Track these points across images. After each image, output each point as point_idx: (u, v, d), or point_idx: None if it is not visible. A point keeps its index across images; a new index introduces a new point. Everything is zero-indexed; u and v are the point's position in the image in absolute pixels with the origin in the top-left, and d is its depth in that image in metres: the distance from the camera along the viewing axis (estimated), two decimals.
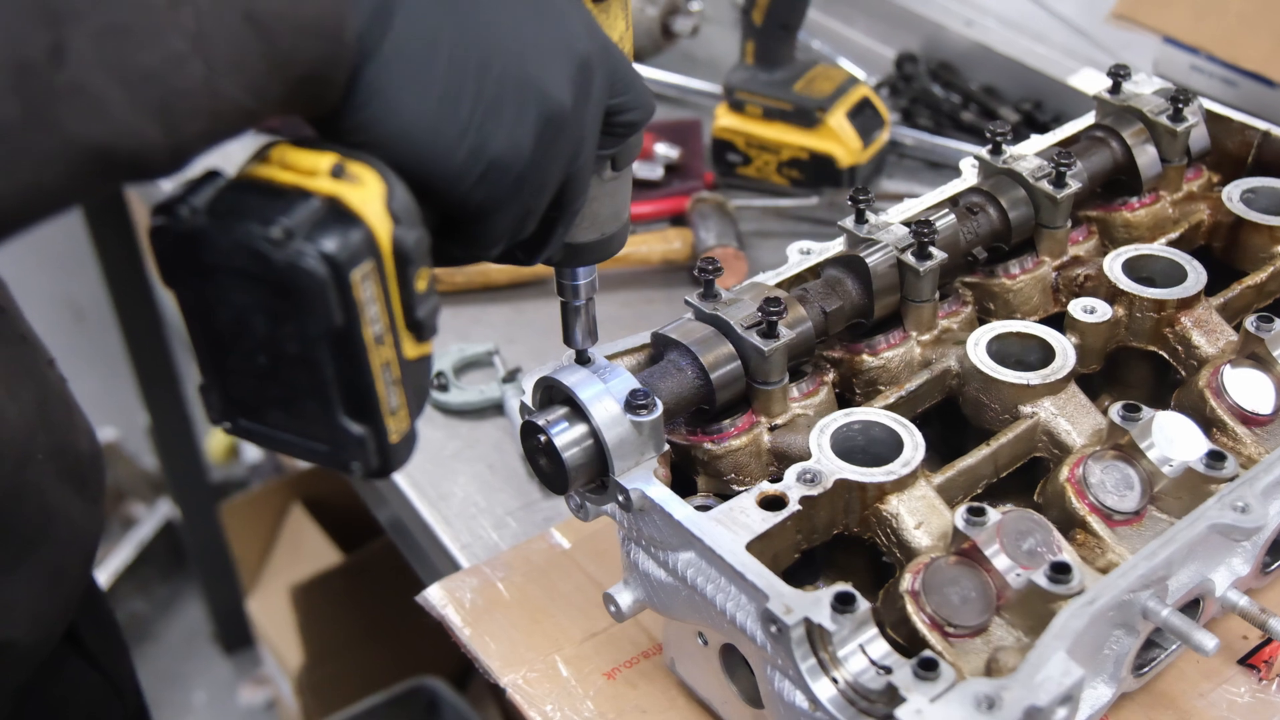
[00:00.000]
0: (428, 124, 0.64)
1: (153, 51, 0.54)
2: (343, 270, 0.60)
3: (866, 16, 2.07)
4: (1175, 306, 1.06)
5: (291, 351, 0.63)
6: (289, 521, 2.68)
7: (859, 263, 1.03)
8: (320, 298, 0.60)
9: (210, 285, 0.62)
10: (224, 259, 0.61)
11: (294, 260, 0.59)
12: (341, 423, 0.64)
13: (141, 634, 3.19)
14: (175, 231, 0.62)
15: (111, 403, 3.34)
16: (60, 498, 0.98)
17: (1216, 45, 1.68)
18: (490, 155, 0.66)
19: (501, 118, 0.66)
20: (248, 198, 0.61)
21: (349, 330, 0.62)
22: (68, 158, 0.53)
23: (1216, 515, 0.88)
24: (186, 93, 0.55)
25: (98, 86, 0.52)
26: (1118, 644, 0.91)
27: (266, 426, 0.67)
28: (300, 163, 0.62)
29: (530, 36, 0.68)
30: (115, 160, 0.54)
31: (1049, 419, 0.99)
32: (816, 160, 1.62)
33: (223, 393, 0.67)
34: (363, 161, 0.63)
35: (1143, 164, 1.18)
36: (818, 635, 0.81)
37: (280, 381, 0.64)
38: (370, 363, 0.63)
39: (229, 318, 0.63)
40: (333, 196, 0.61)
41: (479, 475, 1.29)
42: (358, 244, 0.61)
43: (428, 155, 0.65)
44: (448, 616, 1.11)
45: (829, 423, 0.95)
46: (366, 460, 0.66)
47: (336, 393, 0.64)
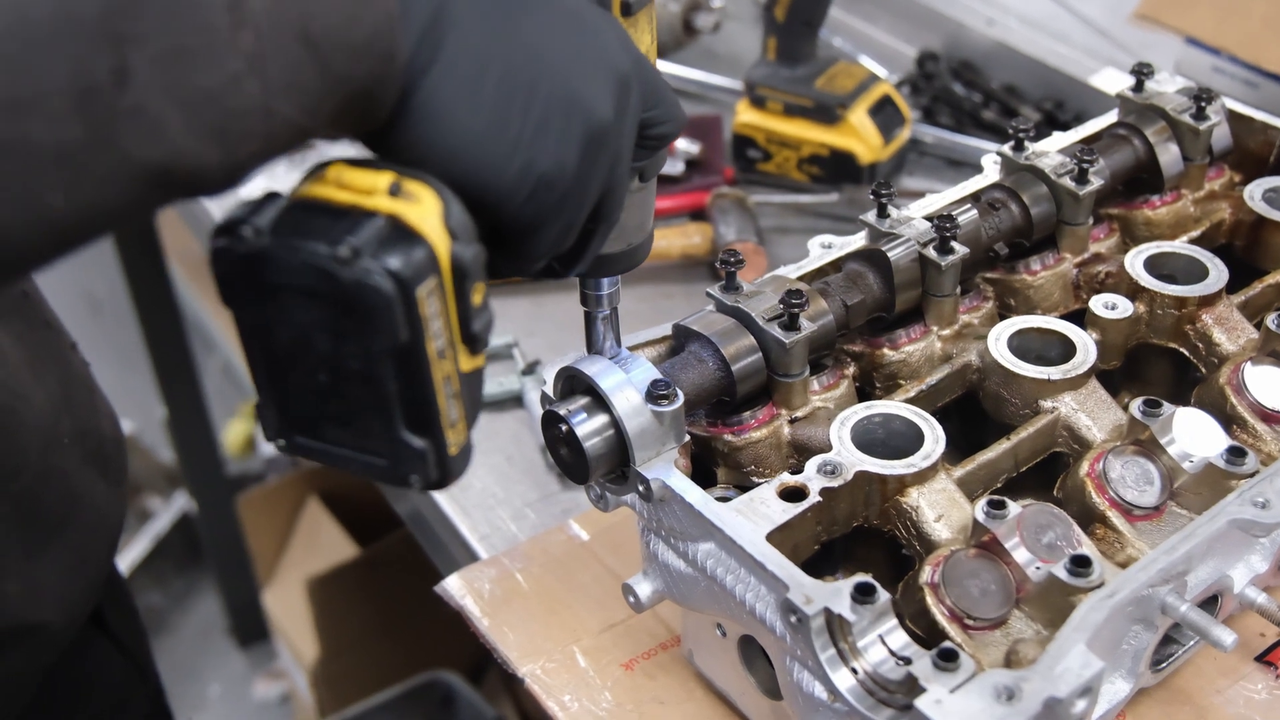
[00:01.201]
0: (480, 142, 0.65)
1: (212, 73, 0.55)
2: (409, 287, 0.61)
3: (888, 14, 2.07)
4: (1196, 304, 1.06)
5: (354, 368, 0.64)
6: (305, 515, 2.68)
7: (881, 257, 1.04)
8: (387, 315, 0.61)
9: (272, 305, 0.63)
10: (289, 278, 0.62)
11: (362, 279, 0.60)
12: (403, 437, 0.65)
13: (157, 626, 3.20)
14: (238, 252, 0.62)
15: (128, 395, 3.35)
16: (85, 481, 0.99)
17: (1239, 47, 1.68)
18: (539, 171, 0.67)
19: (549, 134, 0.67)
20: (311, 217, 0.62)
21: (414, 346, 0.63)
22: (128, 177, 0.54)
23: (1236, 511, 0.88)
24: (243, 113, 0.56)
25: (158, 108, 0.53)
26: (1136, 639, 0.91)
27: (324, 443, 0.68)
28: (358, 182, 0.63)
29: (573, 54, 0.69)
30: (173, 179, 0.55)
31: (1069, 414, 0.99)
32: (837, 157, 1.63)
33: (279, 410, 0.68)
34: (419, 179, 0.64)
35: (1165, 162, 1.18)
36: (837, 626, 0.81)
37: (340, 398, 0.65)
38: (433, 377, 0.64)
39: (290, 337, 0.64)
40: (393, 215, 0.62)
41: (498, 467, 1.29)
42: (422, 261, 0.62)
43: (480, 172, 0.66)
44: (466, 607, 1.12)
45: (850, 415, 0.95)
46: (426, 473, 0.67)
47: (398, 407, 0.64)
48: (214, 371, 3.73)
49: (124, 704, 1.15)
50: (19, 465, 0.91)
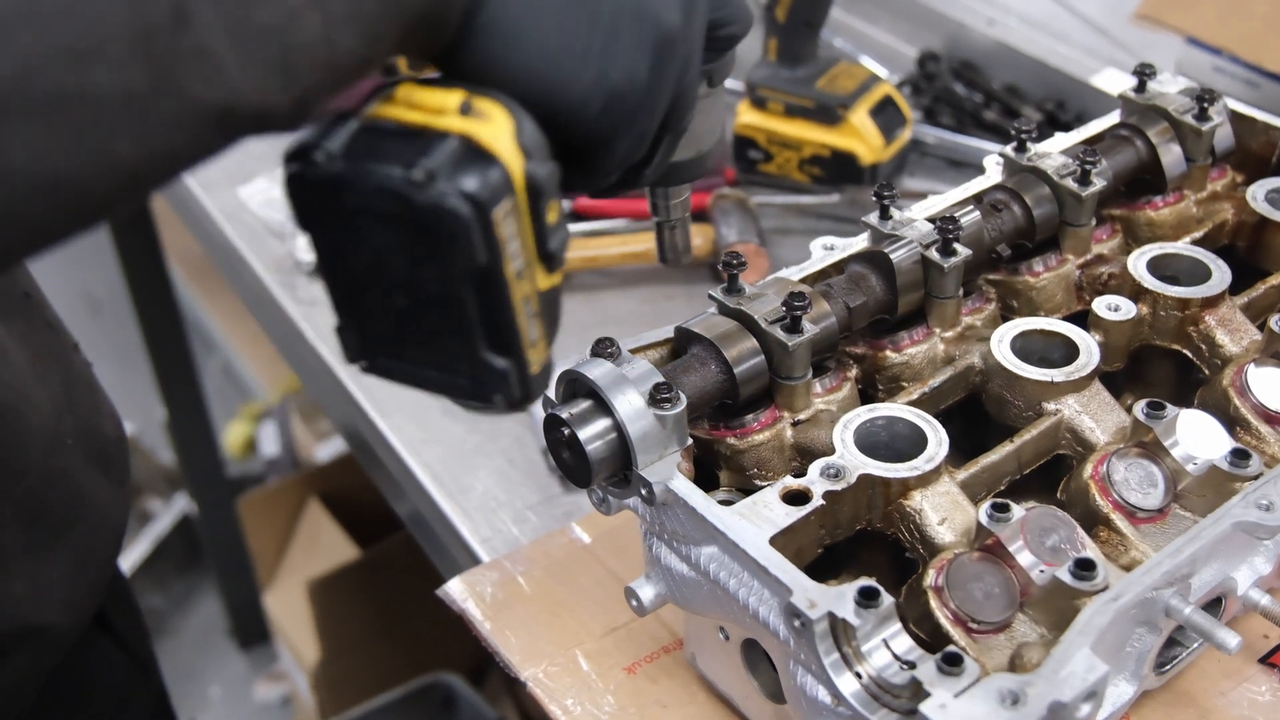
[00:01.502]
0: (549, 56, 0.64)
1: (271, 9, 0.54)
2: (485, 209, 0.60)
3: (889, 15, 2.07)
4: (1199, 305, 1.05)
5: (432, 291, 0.63)
6: (306, 516, 2.68)
7: (883, 259, 1.03)
8: (464, 238, 0.60)
9: (348, 228, 0.63)
10: (363, 203, 0.61)
11: (438, 202, 0.59)
12: (484, 358, 0.65)
13: (157, 628, 3.20)
14: (312, 178, 0.62)
15: (128, 396, 3.35)
16: (89, 481, 0.99)
17: (1240, 46, 1.68)
18: (611, 83, 0.66)
19: (619, 45, 0.66)
20: (383, 140, 0.61)
21: (492, 268, 0.62)
22: (194, 120, 0.54)
23: (1241, 513, 0.88)
24: (305, 47, 0.55)
25: (219, 48, 0.53)
26: (1140, 642, 0.91)
27: (406, 363, 0.68)
28: (428, 102, 0.62)
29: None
30: (239, 119, 0.55)
31: (1073, 416, 0.99)
32: (838, 158, 1.62)
33: (360, 332, 0.68)
34: (489, 97, 0.63)
35: (1167, 163, 1.18)
36: (841, 630, 0.81)
37: (420, 320, 0.65)
38: (512, 299, 0.64)
39: (367, 260, 0.63)
40: (465, 135, 0.61)
41: (499, 469, 1.29)
42: (498, 182, 0.61)
43: (551, 87, 0.65)
44: (468, 610, 1.11)
45: (853, 418, 0.95)
46: (509, 392, 0.67)
47: (479, 329, 0.64)
48: (214, 372, 3.73)
49: (127, 704, 1.15)
50: (24, 466, 0.91)
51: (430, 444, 1.33)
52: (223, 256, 1.74)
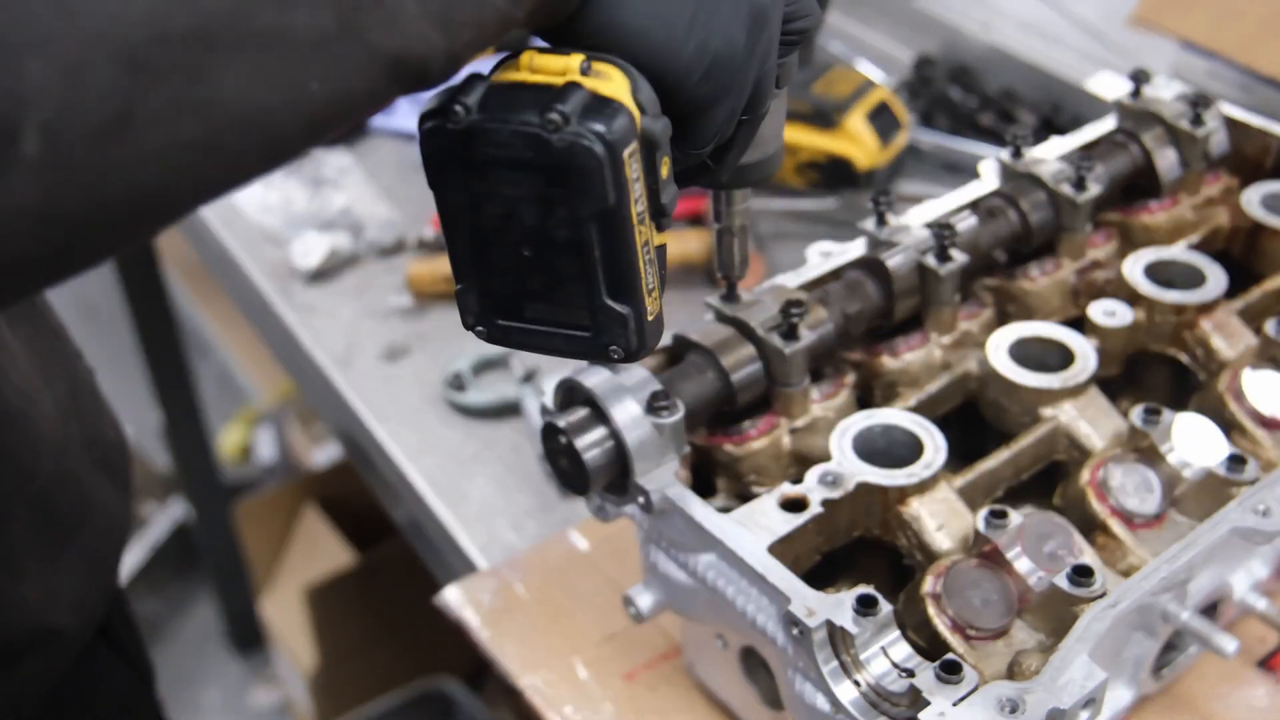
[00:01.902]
0: (660, 23, 0.68)
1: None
2: (617, 149, 0.64)
3: (885, 19, 2.06)
4: (1195, 310, 1.06)
5: (560, 237, 0.67)
6: (303, 522, 2.68)
7: (880, 265, 1.03)
8: (598, 176, 0.65)
9: (480, 181, 0.67)
10: (500, 151, 0.65)
11: (574, 141, 0.64)
12: (606, 303, 0.69)
13: (153, 634, 3.19)
14: (450, 130, 0.66)
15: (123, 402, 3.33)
16: (95, 486, 0.99)
17: (1235, 50, 1.68)
18: (713, 50, 0.70)
19: (720, 15, 0.70)
20: (515, 94, 0.66)
21: (619, 208, 0.66)
22: (371, 65, 0.57)
23: (1238, 519, 0.88)
24: (462, 3, 0.60)
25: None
26: (1138, 646, 0.91)
27: (524, 322, 0.72)
28: (550, 65, 0.67)
29: None
30: (406, 67, 0.59)
31: (1070, 422, 0.99)
32: (834, 162, 1.62)
33: (481, 294, 0.72)
34: (606, 60, 0.67)
35: (1163, 168, 1.18)
36: (840, 638, 0.81)
37: (543, 271, 0.69)
38: (635, 241, 0.68)
39: (497, 212, 0.68)
40: (590, 90, 0.65)
41: (496, 476, 1.29)
42: (626, 125, 0.65)
43: (661, 52, 0.69)
44: (466, 618, 1.11)
45: (850, 424, 0.95)
46: (627, 340, 0.70)
47: (602, 273, 0.68)
48: (210, 377, 3.72)
49: (128, 711, 1.15)
50: (34, 468, 0.92)
51: (428, 451, 1.33)
52: (219, 263, 1.74)
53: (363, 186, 1.74)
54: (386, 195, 1.72)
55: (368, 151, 1.82)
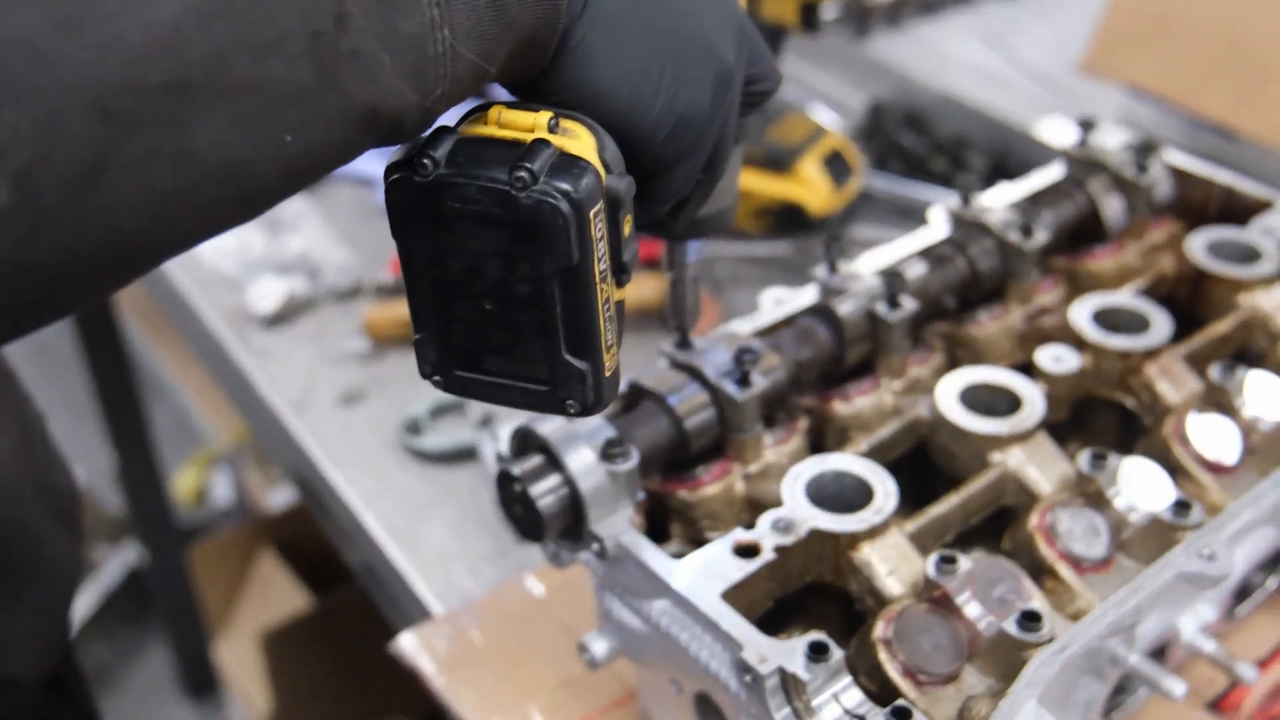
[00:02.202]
0: (629, 82, 0.70)
1: (413, 20, 0.59)
2: (583, 209, 0.65)
3: (839, 65, 2.09)
4: (1141, 356, 1.07)
5: (522, 292, 0.68)
6: (259, 565, 2.66)
7: (831, 313, 1.05)
8: (564, 235, 0.65)
9: (445, 234, 0.67)
10: (467, 205, 0.66)
11: (541, 199, 0.65)
12: (565, 358, 0.70)
13: (105, 681, 3.15)
14: (416, 183, 0.66)
15: (76, 444, 3.30)
16: (47, 533, 0.99)
17: (1182, 96, 1.72)
18: (679, 111, 0.71)
19: (688, 76, 0.71)
20: (483, 149, 0.67)
21: (583, 267, 0.67)
22: (347, 118, 0.58)
23: (1183, 563, 0.89)
24: (436, 58, 0.61)
25: (371, 52, 0.58)
26: (1087, 690, 0.92)
27: (482, 373, 0.72)
28: (519, 121, 0.67)
29: (703, 4, 0.74)
30: (380, 120, 0.60)
31: (1018, 467, 1.00)
32: (788, 207, 1.64)
33: (440, 344, 0.72)
34: (573, 118, 0.68)
35: (1108, 215, 1.21)
36: (792, 684, 0.82)
37: (504, 325, 0.70)
38: (597, 298, 0.68)
39: (460, 266, 0.68)
40: (557, 148, 0.66)
41: (452, 521, 1.29)
42: (592, 185, 0.66)
43: (628, 111, 0.70)
44: (421, 665, 1.11)
45: (802, 470, 0.96)
46: (584, 395, 0.71)
47: (562, 329, 0.69)
48: (166, 420, 3.69)
49: None
50: None
51: (383, 496, 1.32)
52: (175, 307, 1.73)
53: (320, 230, 1.74)
54: (344, 239, 1.73)
55: (326, 195, 1.83)
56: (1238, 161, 1.66)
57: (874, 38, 2.15)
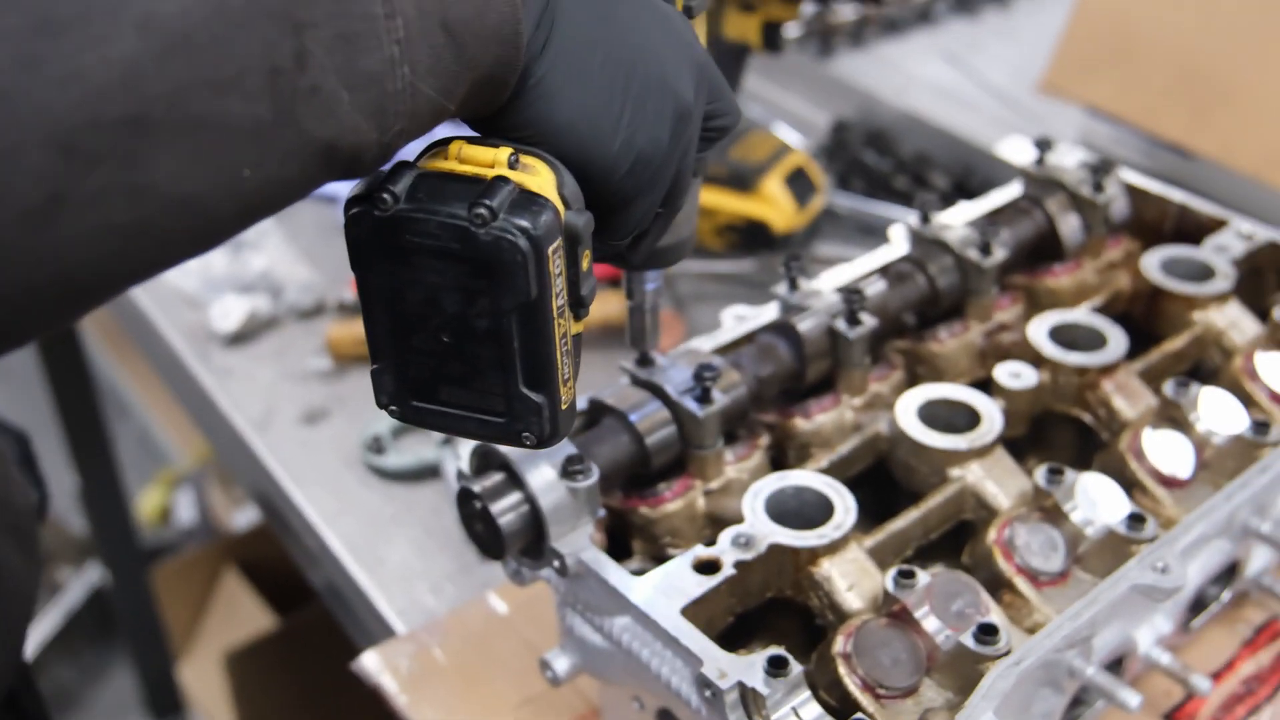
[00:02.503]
0: (588, 119, 0.70)
1: (372, 57, 0.59)
2: (541, 246, 0.66)
3: (802, 84, 2.11)
4: (1097, 372, 1.09)
5: (480, 326, 0.68)
6: (223, 586, 2.64)
7: (791, 329, 1.05)
8: (522, 271, 0.66)
9: (404, 268, 0.68)
10: (426, 240, 0.66)
11: (500, 236, 0.65)
12: (521, 391, 0.70)
13: (69, 703, 3.12)
14: (375, 217, 0.66)
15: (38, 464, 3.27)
16: (4, 553, 0.98)
17: (1139, 116, 1.74)
18: (638, 147, 0.72)
19: (647, 113, 0.72)
20: (443, 184, 0.67)
21: (541, 302, 0.67)
22: (305, 154, 0.58)
23: (1138, 576, 0.90)
24: (396, 94, 0.61)
25: (330, 89, 0.58)
26: (1045, 702, 0.93)
27: (439, 404, 0.72)
28: (478, 157, 0.68)
29: (662, 42, 0.74)
30: (338, 156, 0.60)
31: (977, 482, 1.01)
32: (752, 225, 1.65)
33: (397, 375, 0.72)
34: (533, 154, 0.69)
35: (1065, 233, 1.22)
36: (751, 699, 0.82)
37: (461, 358, 0.70)
38: (554, 333, 0.69)
39: (418, 299, 0.68)
40: (518, 184, 0.67)
41: (416, 539, 1.29)
42: (552, 223, 0.66)
43: (588, 147, 0.70)
44: (383, 684, 1.11)
45: (762, 486, 0.96)
46: (540, 428, 0.71)
47: (519, 363, 0.69)
48: (129, 439, 3.67)
49: None
50: None
51: (346, 514, 1.32)
52: (136, 326, 1.72)
53: (283, 249, 1.74)
54: (306, 257, 1.72)
55: (288, 214, 1.81)
56: (1196, 181, 1.69)
57: (838, 57, 2.16)
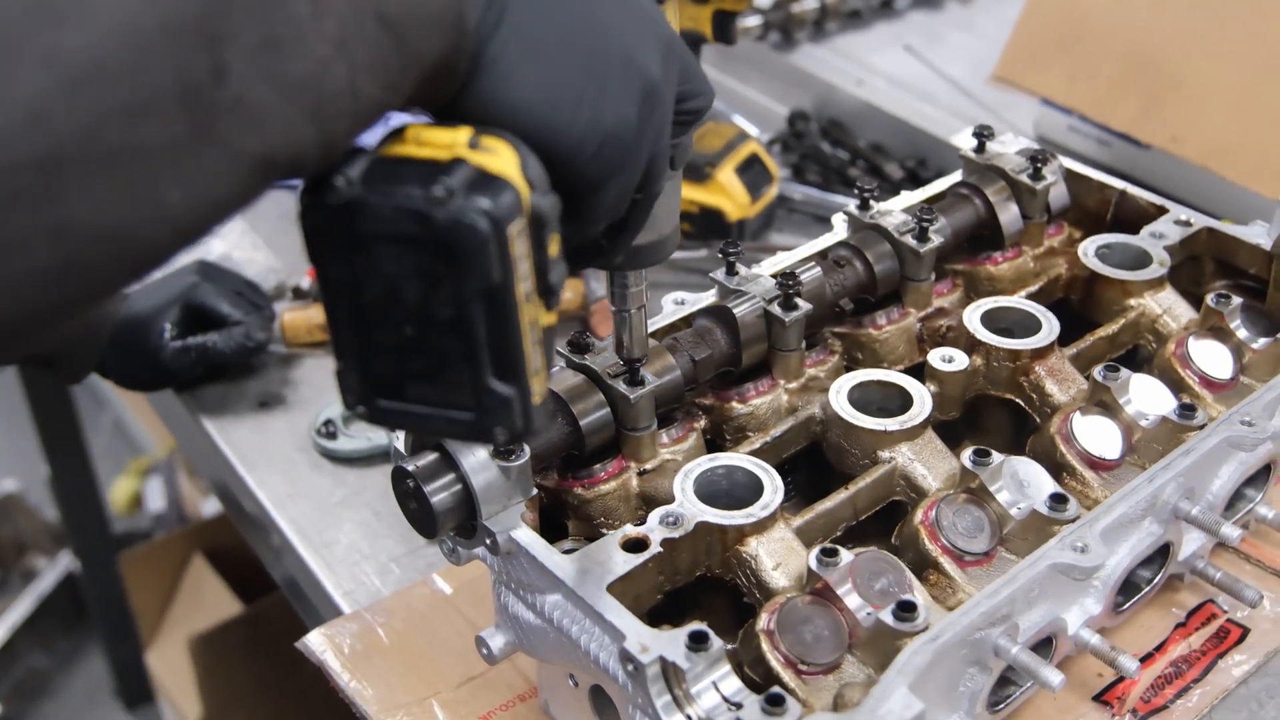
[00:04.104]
0: (548, 99, 0.69)
1: (303, 61, 0.57)
2: (502, 225, 0.63)
3: (762, 75, 2.12)
4: (1030, 356, 1.10)
5: (444, 316, 0.65)
6: (190, 572, 2.65)
7: (727, 313, 1.07)
8: (482, 253, 0.63)
9: (362, 257, 0.65)
10: (382, 226, 0.63)
11: (458, 217, 0.62)
12: (490, 385, 0.67)
13: (42, 689, 3.13)
14: (330, 204, 0.64)
15: (12, 453, 3.29)
16: None
17: (1089, 107, 1.75)
18: (605, 126, 0.70)
19: (611, 92, 0.70)
20: (399, 168, 0.64)
21: (504, 287, 0.64)
22: (236, 168, 0.57)
23: (1057, 555, 0.92)
24: (334, 95, 0.59)
25: (257, 99, 0.56)
26: (972, 681, 0.94)
27: (406, 403, 0.69)
28: (437, 139, 0.65)
29: (625, 19, 0.73)
30: (276, 165, 0.58)
31: (906, 464, 1.03)
32: (706, 214, 1.66)
33: (362, 373, 0.69)
34: (494, 135, 0.66)
35: (1005, 220, 1.24)
36: (672, 673, 0.83)
37: (427, 351, 0.67)
38: (521, 320, 0.66)
39: (379, 290, 0.65)
40: (477, 165, 0.64)
41: (365, 522, 1.30)
42: (512, 201, 0.64)
43: (550, 128, 0.69)
44: (326, 662, 1.12)
45: (693, 467, 0.98)
46: (512, 423, 0.68)
47: (486, 353, 0.66)
48: (105, 427, 3.68)
49: None
50: None
51: (297, 498, 1.33)
52: None
53: (242, 235, 1.75)
54: (266, 244, 1.74)
55: None
56: (1152, 171, 1.71)
57: (799, 48, 2.18)
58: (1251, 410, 1.05)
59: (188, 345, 1.42)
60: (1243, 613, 1.11)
